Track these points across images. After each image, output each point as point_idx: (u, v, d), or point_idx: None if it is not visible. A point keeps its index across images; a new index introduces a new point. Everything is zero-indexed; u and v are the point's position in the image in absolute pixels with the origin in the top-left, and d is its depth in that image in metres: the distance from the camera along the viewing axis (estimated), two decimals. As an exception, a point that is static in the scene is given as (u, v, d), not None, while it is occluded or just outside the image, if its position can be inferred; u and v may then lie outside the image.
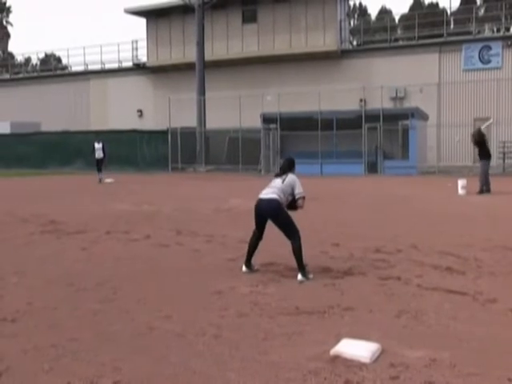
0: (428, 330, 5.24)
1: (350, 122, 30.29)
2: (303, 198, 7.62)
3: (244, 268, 7.76)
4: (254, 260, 7.80)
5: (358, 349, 4.62)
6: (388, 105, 34.10)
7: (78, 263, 8.49)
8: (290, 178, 7.63)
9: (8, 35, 74.43)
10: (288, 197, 7.55)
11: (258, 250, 7.71)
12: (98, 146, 27.43)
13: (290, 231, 7.44)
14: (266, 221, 7.62)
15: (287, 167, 7.79)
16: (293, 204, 7.65)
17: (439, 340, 4.97)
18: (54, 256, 9.10)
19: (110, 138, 34.68)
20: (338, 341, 4.82)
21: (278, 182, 7.65)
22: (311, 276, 7.27)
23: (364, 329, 5.24)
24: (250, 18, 40.81)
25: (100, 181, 26.49)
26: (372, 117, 30.17)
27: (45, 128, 44.16)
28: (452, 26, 42.85)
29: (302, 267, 7.26)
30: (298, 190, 7.57)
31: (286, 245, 7.45)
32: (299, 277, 7.19)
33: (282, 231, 7.55)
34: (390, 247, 9.31)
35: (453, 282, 6.93)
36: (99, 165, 27.19)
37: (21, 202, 18.01)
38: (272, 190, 7.55)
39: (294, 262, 7.43)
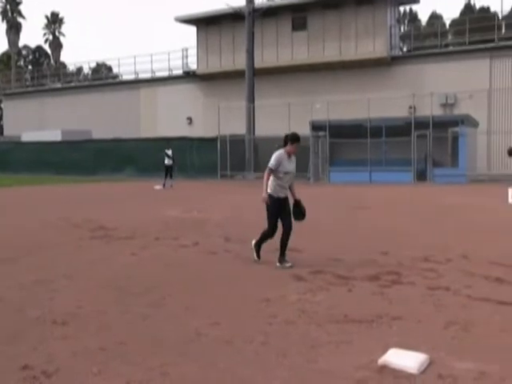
0: (477, 342, 5.15)
1: (399, 130, 30.02)
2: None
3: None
4: (301, 270, 7.85)
5: (405, 359, 4.59)
6: (438, 112, 33.65)
7: (127, 268, 8.62)
8: None
9: (60, 45, 76.13)
10: None
11: (304, 259, 7.70)
12: (168, 152, 27.89)
13: None
14: None
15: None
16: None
17: (489, 352, 4.88)
18: (103, 260, 9.26)
19: (160, 145, 35.09)
20: (385, 350, 4.79)
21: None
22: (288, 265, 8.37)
23: (412, 339, 5.19)
24: (299, 25, 40.87)
25: (170, 186, 26.96)
26: (421, 124, 29.85)
27: (96, 136, 44.97)
28: (503, 30, 42.11)
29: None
30: None
31: (335, 253, 7.43)
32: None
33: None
34: (439, 256, 9.19)
35: (503, 293, 6.80)
36: (169, 171, 27.62)
37: (72, 207, 18.36)
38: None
39: (342, 270, 7.66)
